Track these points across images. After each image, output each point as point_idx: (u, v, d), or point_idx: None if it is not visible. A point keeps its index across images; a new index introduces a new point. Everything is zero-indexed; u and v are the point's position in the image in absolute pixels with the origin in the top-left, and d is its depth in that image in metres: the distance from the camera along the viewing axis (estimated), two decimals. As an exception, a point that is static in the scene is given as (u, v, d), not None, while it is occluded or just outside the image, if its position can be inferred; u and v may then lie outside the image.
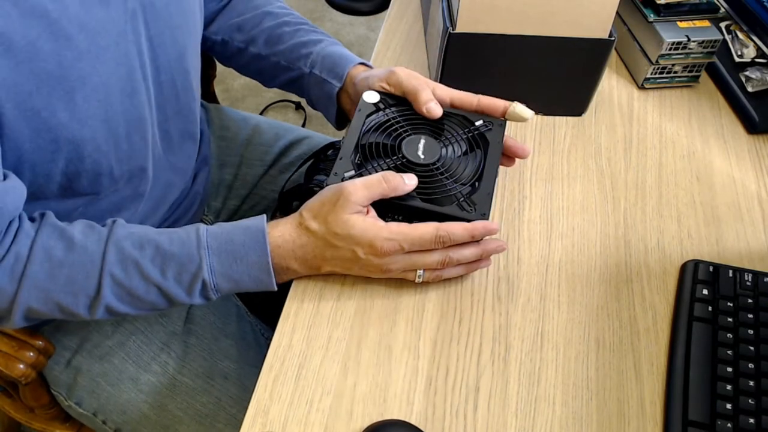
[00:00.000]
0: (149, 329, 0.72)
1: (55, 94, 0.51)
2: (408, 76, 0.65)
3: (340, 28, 2.21)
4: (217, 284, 0.57)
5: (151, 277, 0.55)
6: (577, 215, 0.69)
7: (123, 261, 0.55)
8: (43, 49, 0.49)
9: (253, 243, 0.56)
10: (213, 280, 0.56)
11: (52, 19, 0.49)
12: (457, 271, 0.60)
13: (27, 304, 0.54)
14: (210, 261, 0.56)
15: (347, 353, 0.57)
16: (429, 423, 0.53)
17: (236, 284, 0.57)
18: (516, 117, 0.64)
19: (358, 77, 0.69)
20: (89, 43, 0.52)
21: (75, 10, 0.50)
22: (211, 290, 0.57)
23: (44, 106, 0.51)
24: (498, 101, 0.64)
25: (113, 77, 0.55)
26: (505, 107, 0.64)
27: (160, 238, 0.57)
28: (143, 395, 0.70)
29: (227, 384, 0.71)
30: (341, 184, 0.56)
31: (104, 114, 0.55)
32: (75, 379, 0.71)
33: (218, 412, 0.70)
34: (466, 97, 0.65)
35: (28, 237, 0.54)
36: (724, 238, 0.68)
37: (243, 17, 0.78)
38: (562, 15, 0.69)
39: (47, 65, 0.50)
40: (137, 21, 0.57)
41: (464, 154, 0.63)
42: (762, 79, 0.81)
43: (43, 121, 0.51)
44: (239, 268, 0.57)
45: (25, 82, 0.49)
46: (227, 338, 0.74)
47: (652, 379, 0.57)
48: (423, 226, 0.56)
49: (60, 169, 0.56)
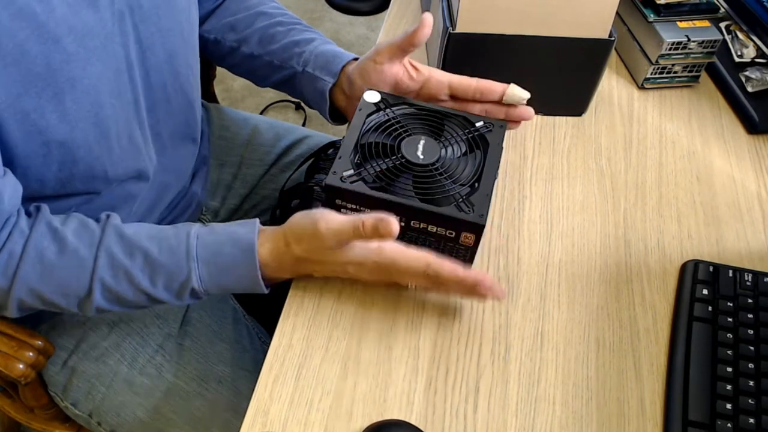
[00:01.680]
0: (145, 330, 0.72)
1: (44, 96, 0.51)
2: (393, 38, 0.66)
3: (340, 28, 2.20)
4: (207, 290, 0.58)
5: (141, 285, 0.57)
6: (577, 215, 0.69)
7: (113, 267, 0.56)
8: (31, 52, 0.49)
9: (242, 259, 0.57)
10: (202, 287, 0.58)
11: (40, 22, 0.49)
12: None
13: (19, 299, 0.56)
14: (199, 272, 0.57)
15: (347, 353, 0.57)
16: (429, 423, 0.53)
17: (226, 290, 0.60)
18: (514, 98, 0.65)
19: (351, 71, 0.69)
20: (77, 45, 0.52)
21: (63, 12, 0.51)
22: (201, 294, 0.58)
23: (33, 108, 0.51)
24: (496, 84, 0.66)
25: (102, 79, 0.55)
26: (503, 90, 0.66)
27: (150, 247, 0.57)
28: (138, 398, 0.70)
29: (221, 388, 0.71)
30: (316, 220, 0.55)
31: (94, 116, 0.56)
32: (71, 380, 0.71)
33: (212, 416, 0.70)
34: (464, 80, 0.66)
35: (22, 235, 0.55)
36: (724, 238, 0.68)
37: (236, 17, 0.78)
38: (562, 15, 0.69)
39: (35, 67, 0.50)
40: (125, 23, 0.57)
41: (464, 154, 0.63)
42: (762, 79, 0.81)
43: (32, 123, 0.51)
44: (228, 279, 0.58)
45: (13, 84, 0.49)
46: (222, 342, 0.74)
47: (652, 379, 0.57)
48: (414, 255, 0.55)
49: (53, 173, 0.56)
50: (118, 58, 0.57)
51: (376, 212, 0.53)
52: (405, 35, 0.64)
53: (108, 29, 0.55)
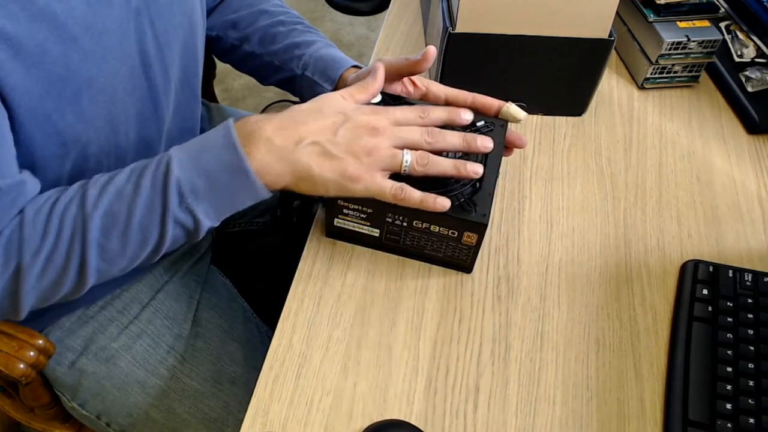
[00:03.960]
0: (156, 332, 0.72)
1: (64, 96, 0.51)
2: (394, 58, 0.65)
3: (340, 28, 2.20)
4: (193, 183, 0.52)
5: (126, 193, 0.52)
6: (577, 215, 0.69)
7: (101, 188, 0.52)
8: (51, 52, 0.49)
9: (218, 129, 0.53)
10: (186, 177, 0.52)
11: (60, 22, 0.49)
12: (445, 165, 0.56)
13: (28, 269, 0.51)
14: (179, 156, 0.52)
15: (347, 353, 0.57)
16: (429, 423, 0.53)
17: (210, 180, 0.52)
18: (509, 117, 0.64)
19: (350, 82, 0.69)
20: (94, 44, 0.52)
21: (82, 11, 0.50)
22: (188, 194, 0.52)
23: (54, 110, 0.51)
24: (492, 100, 0.64)
25: (117, 76, 0.55)
26: (499, 107, 0.64)
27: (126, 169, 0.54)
28: (150, 399, 0.70)
29: (234, 388, 0.71)
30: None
31: (108, 114, 0.55)
32: (79, 381, 0.71)
33: (226, 416, 0.70)
34: (460, 94, 0.65)
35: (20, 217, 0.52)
36: (724, 238, 0.68)
37: (238, 14, 0.78)
38: (562, 15, 0.69)
39: (55, 68, 0.50)
40: (142, 20, 0.57)
41: (465, 154, 0.63)
42: (762, 79, 0.81)
43: (53, 125, 0.51)
44: (208, 156, 0.52)
45: (35, 86, 0.49)
46: (234, 341, 0.74)
47: (652, 379, 0.57)
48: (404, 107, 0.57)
49: (67, 172, 0.56)
50: (133, 55, 0.57)
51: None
52: (406, 62, 0.62)
53: (124, 26, 0.55)
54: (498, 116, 0.64)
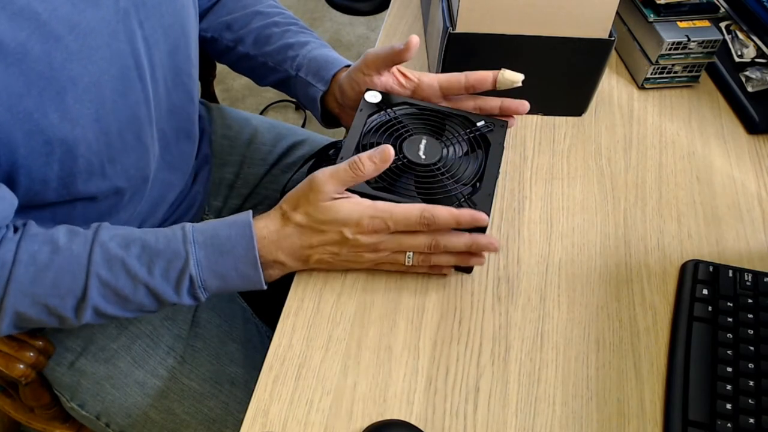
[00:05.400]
0: (155, 333, 0.72)
1: (46, 95, 0.51)
2: (379, 47, 0.66)
3: (340, 28, 2.20)
4: (205, 281, 0.56)
5: (138, 275, 0.55)
6: (577, 215, 0.69)
7: (109, 261, 0.55)
8: (33, 51, 0.49)
9: (239, 236, 0.56)
10: (200, 275, 0.56)
11: (42, 21, 0.49)
12: (446, 259, 0.60)
13: (14, 309, 0.54)
14: (197, 255, 0.56)
15: (347, 353, 0.57)
16: (429, 423, 0.53)
17: (223, 281, 0.57)
18: (507, 83, 0.64)
19: (342, 79, 0.69)
20: (80, 44, 0.52)
21: (65, 11, 0.50)
22: (198, 288, 0.56)
23: (36, 108, 0.51)
24: (486, 73, 0.64)
25: (105, 77, 0.55)
26: (494, 77, 0.64)
27: (146, 237, 0.56)
28: (150, 399, 0.70)
29: (234, 389, 0.71)
30: (311, 176, 0.57)
31: (95, 113, 0.55)
32: (79, 382, 0.71)
33: (226, 417, 0.70)
34: (453, 77, 0.65)
35: (12, 242, 0.54)
36: (724, 238, 0.68)
37: (232, 15, 0.78)
38: (562, 15, 0.69)
39: (37, 66, 0.50)
40: (130, 20, 0.57)
41: (465, 154, 0.63)
42: (762, 79, 0.81)
43: (35, 123, 0.51)
44: (226, 262, 0.56)
45: (15, 84, 0.49)
46: (234, 342, 0.74)
47: (652, 379, 0.57)
48: (409, 205, 0.56)
49: (55, 173, 0.56)
50: (124, 55, 0.57)
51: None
52: (392, 50, 0.64)
53: (112, 27, 0.55)
54: (496, 87, 0.64)
